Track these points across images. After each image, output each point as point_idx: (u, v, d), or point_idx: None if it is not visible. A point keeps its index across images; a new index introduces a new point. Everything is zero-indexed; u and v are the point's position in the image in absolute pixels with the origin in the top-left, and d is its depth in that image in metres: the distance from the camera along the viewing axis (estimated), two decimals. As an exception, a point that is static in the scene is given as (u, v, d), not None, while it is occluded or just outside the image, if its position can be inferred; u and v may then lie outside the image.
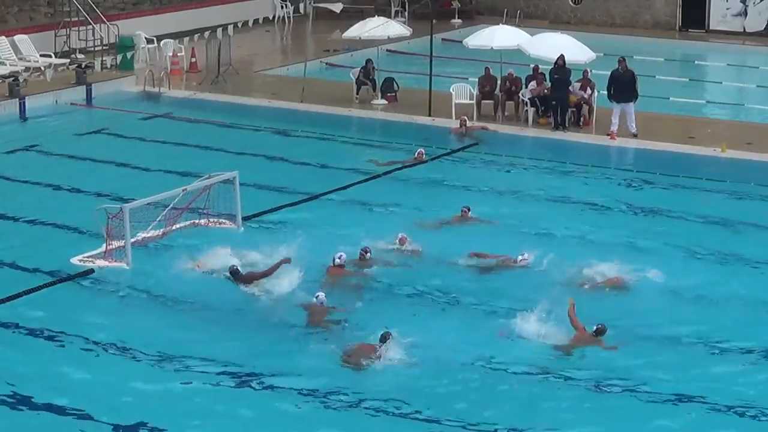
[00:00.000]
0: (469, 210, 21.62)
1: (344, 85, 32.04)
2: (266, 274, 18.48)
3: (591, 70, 28.91)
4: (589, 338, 16.42)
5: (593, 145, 27.38)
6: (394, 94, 31.11)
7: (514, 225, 21.51)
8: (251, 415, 14.79)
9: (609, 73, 27.92)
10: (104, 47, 35.32)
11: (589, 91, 28.52)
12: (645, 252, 20.08)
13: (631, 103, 27.41)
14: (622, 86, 27.32)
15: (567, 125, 27.99)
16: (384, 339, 15.98)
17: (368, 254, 19.38)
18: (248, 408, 14.93)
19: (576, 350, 16.31)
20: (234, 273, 18.47)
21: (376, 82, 31.33)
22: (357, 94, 31.33)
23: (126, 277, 18.65)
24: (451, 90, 29.75)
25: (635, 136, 27.27)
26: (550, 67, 28.06)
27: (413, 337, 16.23)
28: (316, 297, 17.53)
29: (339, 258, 18.84)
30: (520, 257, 19.25)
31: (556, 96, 27.94)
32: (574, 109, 28.50)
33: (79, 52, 35.18)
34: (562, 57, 27.63)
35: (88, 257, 19.31)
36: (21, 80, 31.18)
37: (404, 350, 15.94)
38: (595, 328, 16.43)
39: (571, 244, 20.44)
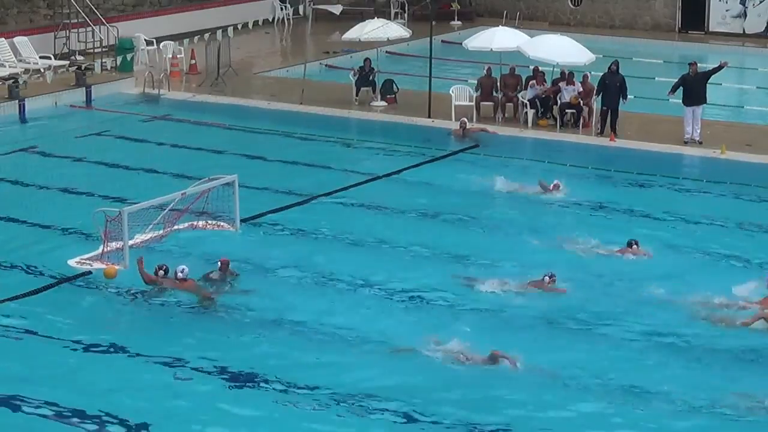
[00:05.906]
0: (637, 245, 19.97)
1: (344, 86, 32.03)
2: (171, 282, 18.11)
3: (591, 73, 28.99)
4: None
5: (593, 146, 27.36)
6: (393, 95, 31.09)
7: (516, 227, 21.50)
8: (255, 415, 14.75)
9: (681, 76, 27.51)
10: (104, 49, 35.34)
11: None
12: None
13: (701, 108, 27.26)
14: (694, 89, 27.04)
15: (615, 129, 27.62)
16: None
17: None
18: (250, 409, 14.88)
19: None
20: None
21: (376, 83, 31.31)
22: (356, 95, 31.32)
23: (123, 279, 18.60)
24: (450, 92, 29.74)
25: (700, 143, 27.04)
26: (603, 73, 27.69)
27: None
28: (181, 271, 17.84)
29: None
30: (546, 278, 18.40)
31: (607, 101, 27.69)
32: (574, 111, 28.50)
33: (79, 54, 35.18)
34: (615, 62, 27.65)
35: (85, 259, 19.29)
36: (20, 82, 31.18)
37: None
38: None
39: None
